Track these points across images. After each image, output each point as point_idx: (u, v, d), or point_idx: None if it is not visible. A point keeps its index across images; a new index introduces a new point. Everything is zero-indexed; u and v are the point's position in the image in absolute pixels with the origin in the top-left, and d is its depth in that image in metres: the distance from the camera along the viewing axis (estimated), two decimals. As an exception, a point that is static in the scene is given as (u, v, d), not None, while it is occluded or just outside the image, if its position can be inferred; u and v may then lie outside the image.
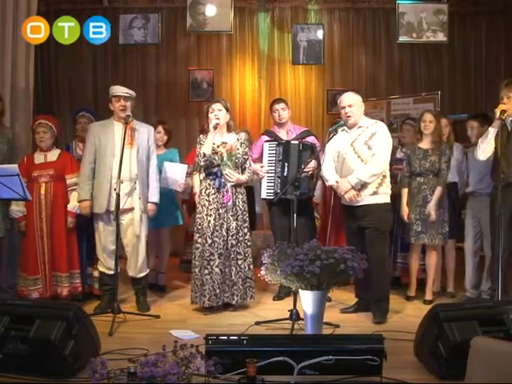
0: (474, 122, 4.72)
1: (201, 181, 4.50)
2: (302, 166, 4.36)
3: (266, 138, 4.92)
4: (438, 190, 4.54)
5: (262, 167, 4.74)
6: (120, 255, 4.29)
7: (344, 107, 4.20)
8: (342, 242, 4.67)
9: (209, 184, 4.39)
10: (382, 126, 4.26)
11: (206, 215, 4.34)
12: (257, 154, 4.90)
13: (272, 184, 4.69)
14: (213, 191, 4.36)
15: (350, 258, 3.52)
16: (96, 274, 4.64)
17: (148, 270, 4.59)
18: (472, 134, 4.73)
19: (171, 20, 7.43)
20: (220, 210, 4.34)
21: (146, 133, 4.47)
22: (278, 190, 4.58)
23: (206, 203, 4.36)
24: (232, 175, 4.35)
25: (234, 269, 4.36)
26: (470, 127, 4.75)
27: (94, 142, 4.35)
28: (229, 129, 4.49)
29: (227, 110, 4.44)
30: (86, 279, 4.70)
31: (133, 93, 4.46)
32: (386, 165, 4.18)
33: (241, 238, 4.40)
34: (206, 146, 4.34)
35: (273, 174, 4.70)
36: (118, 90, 4.42)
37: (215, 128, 4.34)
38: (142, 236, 4.41)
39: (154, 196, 4.46)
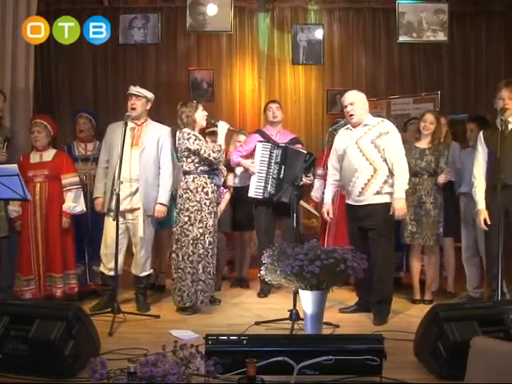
0: (472, 125, 4.72)
1: (194, 178, 4.35)
2: (303, 176, 4.54)
3: (258, 137, 4.98)
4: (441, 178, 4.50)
5: (252, 163, 4.83)
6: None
7: (346, 105, 4.16)
8: (341, 242, 4.66)
9: (205, 182, 4.33)
10: (390, 124, 4.20)
11: (209, 213, 4.31)
12: (246, 152, 4.96)
13: (262, 184, 4.80)
14: (211, 189, 4.34)
15: (349, 258, 3.52)
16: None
17: (151, 270, 4.60)
18: (470, 136, 4.73)
19: (171, 20, 7.42)
20: (215, 208, 4.39)
21: (157, 133, 4.44)
22: (272, 191, 4.70)
23: (207, 202, 4.31)
24: (224, 170, 4.62)
25: (212, 266, 4.37)
26: (468, 129, 4.75)
27: (106, 141, 4.45)
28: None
29: None
30: (92, 277, 4.79)
31: (146, 93, 4.45)
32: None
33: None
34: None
35: (264, 175, 4.79)
36: (131, 88, 4.45)
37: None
38: (145, 236, 4.41)
39: (162, 197, 4.41)
